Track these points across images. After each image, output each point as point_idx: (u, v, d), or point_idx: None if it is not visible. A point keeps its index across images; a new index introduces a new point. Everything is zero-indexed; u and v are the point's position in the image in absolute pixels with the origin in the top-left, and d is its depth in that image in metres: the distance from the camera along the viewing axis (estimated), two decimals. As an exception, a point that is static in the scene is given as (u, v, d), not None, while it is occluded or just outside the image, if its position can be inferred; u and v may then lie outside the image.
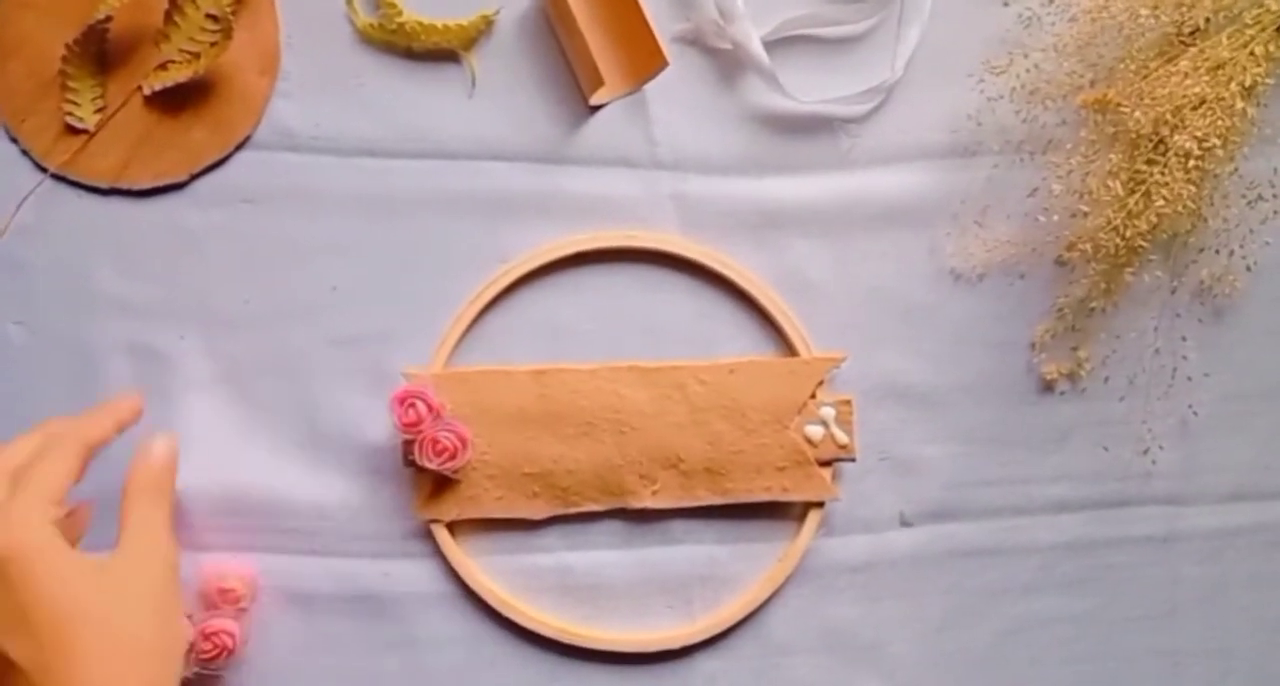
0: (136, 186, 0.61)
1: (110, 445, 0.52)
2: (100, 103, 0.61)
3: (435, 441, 0.56)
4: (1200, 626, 0.63)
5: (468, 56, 0.62)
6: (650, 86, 0.62)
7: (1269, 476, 0.64)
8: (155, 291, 0.60)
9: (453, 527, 0.60)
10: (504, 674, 0.60)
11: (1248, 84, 0.58)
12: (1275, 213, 0.62)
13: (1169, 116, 0.58)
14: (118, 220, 0.60)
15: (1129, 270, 0.62)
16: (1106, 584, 0.63)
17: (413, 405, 0.56)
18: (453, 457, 0.57)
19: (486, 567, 0.60)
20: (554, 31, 0.62)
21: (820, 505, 0.61)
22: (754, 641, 0.60)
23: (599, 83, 0.60)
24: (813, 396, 0.61)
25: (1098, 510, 0.63)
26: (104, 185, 0.60)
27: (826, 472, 0.61)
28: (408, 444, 0.58)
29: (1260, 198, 0.62)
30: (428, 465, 0.57)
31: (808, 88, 0.62)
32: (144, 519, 0.48)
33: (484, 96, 0.62)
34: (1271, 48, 0.58)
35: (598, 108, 0.62)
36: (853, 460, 0.61)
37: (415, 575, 0.59)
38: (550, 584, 0.60)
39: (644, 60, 0.61)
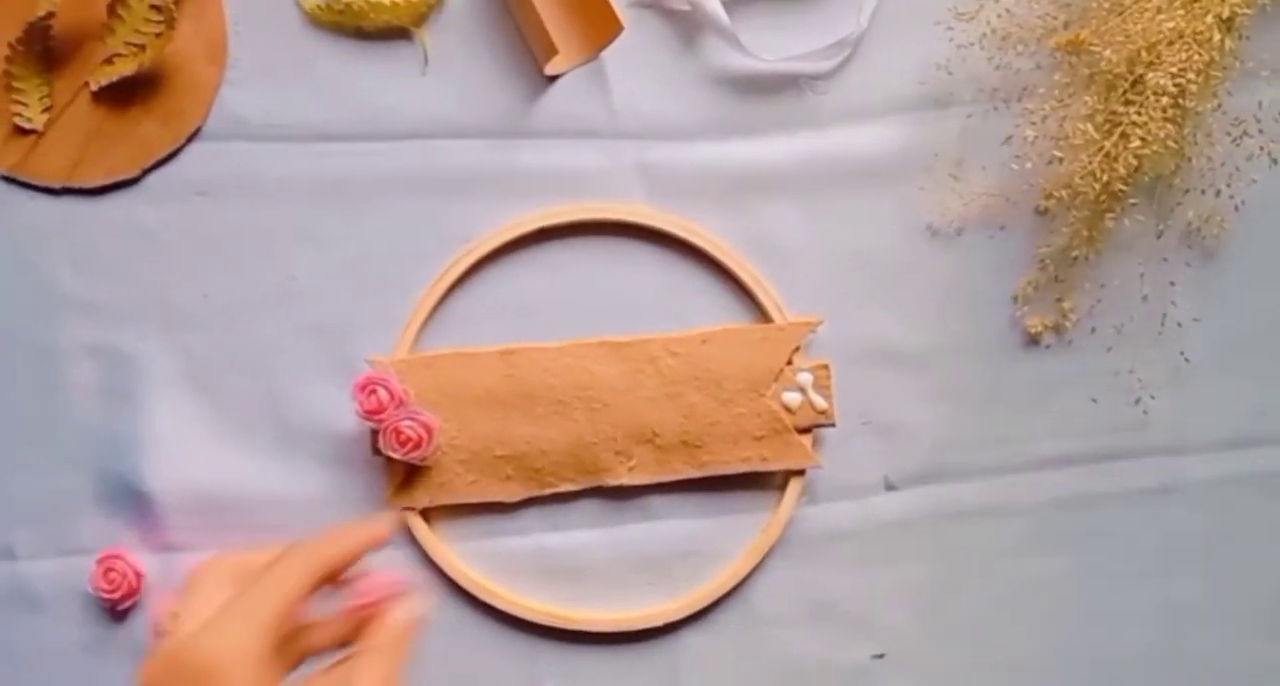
0: (89, 185, 0.60)
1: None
2: (47, 101, 0.60)
3: (399, 431, 0.55)
4: (1200, 580, 0.61)
5: (419, 33, 0.60)
6: (607, 53, 0.60)
7: (1266, 422, 0.62)
8: (114, 290, 0.59)
9: (427, 514, 0.59)
10: (487, 659, 0.59)
11: (1226, 15, 0.56)
12: (1261, 149, 0.60)
13: (1143, 53, 0.56)
14: (72, 220, 0.59)
15: (1110, 216, 0.60)
16: (1101, 540, 0.61)
17: (374, 392, 0.56)
18: (418, 447, 0.56)
19: (463, 553, 0.59)
20: (505, 2, 0.60)
21: (801, 473, 0.60)
22: (739, 615, 0.59)
23: (553, 52, 0.59)
24: (789, 362, 0.59)
25: (1089, 465, 0.61)
26: (56, 185, 0.59)
27: (806, 440, 0.59)
28: (375, 433, 0.57)
29: (1246, 134, 0.60)
30: (393, 455, 0.56)
31: (770, 45, 0.60)
32: (372, 677, 0.44)
33: (438, 73, 0.60)
34: (1249, -24, 0.56)
35: (555, 78, 0.61)
36: (832, 425, 0.59)
37: (391, 564, 0.58)
38: (529, 566, 0.59)
39: (599, 26, 0.60)
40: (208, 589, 0.44)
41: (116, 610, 0.58)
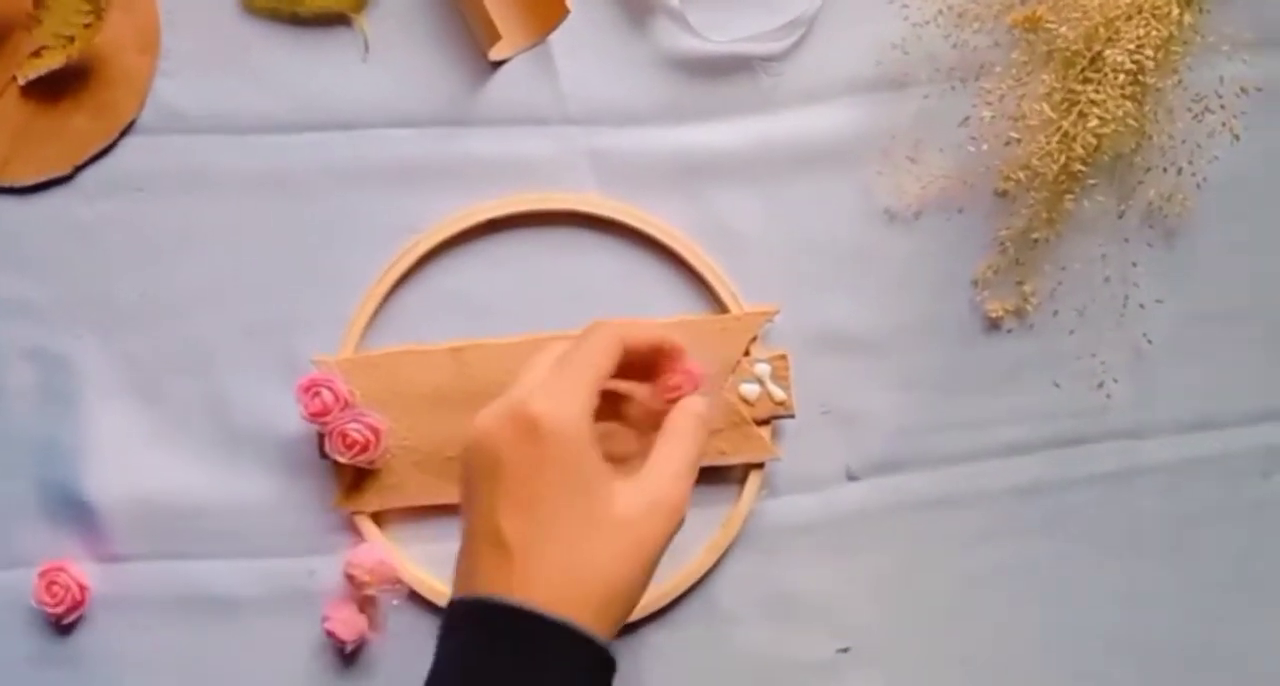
0: (20, 183, 0.58)
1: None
2: (-28, 97, 0.58)
3: (345, 434, 0.54)
4: (1166, 563, 0.61)
5: (358, 18, 0.59)
6: (554, 37, 0.59)
7: (1229, 402, 0.61)
8: (49, 291, 0.58)
9: (378, 518, 0.58)
10: (445, 663, 0.58)
11: (1184, -11, 0.55)
12: (1223, 124, 0.59)
13: (1101, 29, 0.55)
14: (3, 220, 0.58)
15: (1070, 197, 0.59)
16: (1066, 526, 0.60)
17: (318, 394, 0.54)
18: (365, 450, 0.54)
19: (417, 557, 0.58)
20: (447, -15, 0.58)
21: (760, 466, 0.58)
22: (701, 611, 0.58)
23: (498, 37, 0.57)
24: (746, 353, 0.58)
25: (1053, 450, 0.60)
26: (-15, 184, 0.58)
27: (765, 432, 0.58)
28: (322, 435, 0.55)
29: (1207, 109, 0.59)
30: (339, 458, 0.55)
31: (721, 26, 0.59)
32: (671, 454, 0.47)
33: (378, 60, 0.59)
34: (1206, -51, 0.55)
35: (500, 63, 0.59)
36: (792, 417, 0.58)
37: (341, 571, 0.57)
38: (485, 568, 0.58)
39: (544, 10, 0.58)
40: (540, 363, 0.47)
41: (61, 623, 0.57)
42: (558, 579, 0.42)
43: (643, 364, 0.50)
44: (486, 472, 0.44)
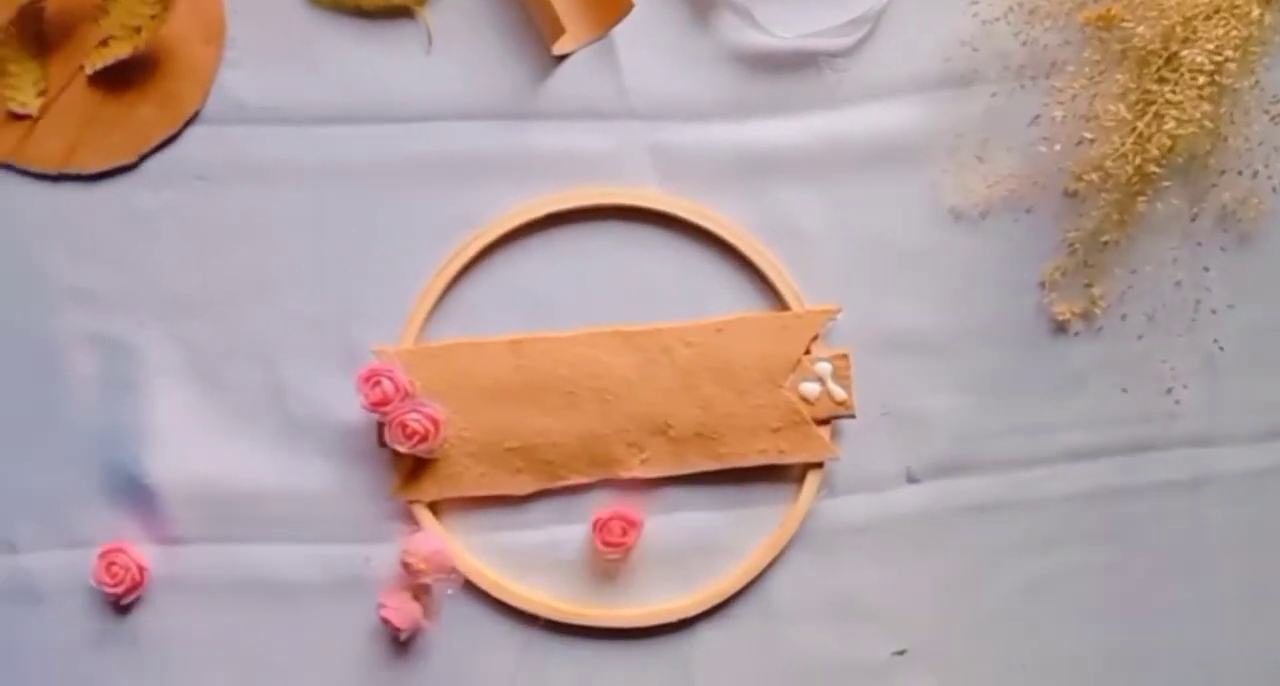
0: (86, 171, 0.58)
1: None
2: (42, 85, 0.58)
3: (404, 424, 0.54)
4: (1231, 574, 0.60)
5: (422, 11, 0.59)
6: (617, 31, 0.58)
7: (1302, 412, 0.60)
8: (112, 278, 0.58)
9: (435, 507, 0.58)
10: (498, 655, 0.58)
11: (1266, -12, 0.54)
12: (1301, 127, 0.57)
13: (1178, 29, 0.54)
14: (68, 206, 0.58)
15: (1143, 198, 0.57)
16: (1129, 534, 0.59)
17: (379, 384, 0.54)
18: (424, 440, 0.54)
19: (473, 547, 0.58)
20: (512, -22, 0.58)
21: (820, 466, 0.58)
22: (756, 610, 0.58)
23: (561, 30, 0.57)
24: (807, 352, 0.58)
25: (1118, 457, 0.59)
26: (52, 171, 0.58)
27: (825, 431, 0.58)
28: (381, 425, 0.55)
29: (1285, 111, 0.57)
30: (399, 448, 0.55)
31: (787, 22, 0.58)
32: None
33: (441, 53, 0.59)
34: (1290, -54, 0.53)
35: (563, 57, 0.59)
36: (852, 417, 0.58)
37: (398, 559, 0.57)
38: (540, 560, 0.58)
39: (608, 3, 0.58)
40: None
41: (119, 604, 0.57)
42: None
43: None
44: None
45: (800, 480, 0.58)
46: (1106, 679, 0.59)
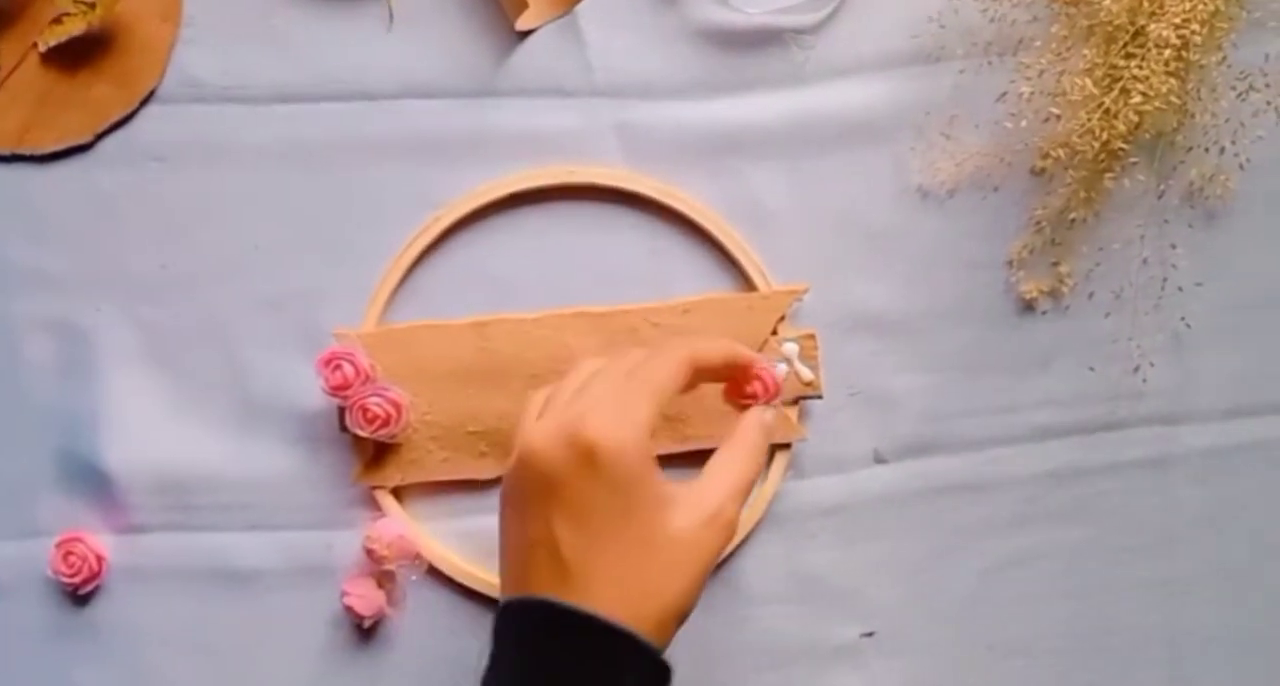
0: (40, 151, 0.57)
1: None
2: (-7, 63, 0.57)
3: (366, 408, 0.53)
4: (1199, 552, 0.59)
5: (383, -13, 0.58)
6: (582, 7, 0.58)
7: (1268, 389, 0.60)
8: (69, 261, 0.57)
9: (399, 493, 0.57)
10: (464, 641, 0.57)
11: (1232, -38, 0.53)
12: (1268, 104, 0.57)
13: (1145, 3, 0.54)
14: (23, 187, 0.57)
15: (1110, 175, 0.57)
16: (1098, 513, 0.59)
17: (339, 367, 0.53)
18: (386, 424, 0.54)
19: (436, 533, 0.57)
20: (473, -47, 0.57)
21: (787, 447, 0.57)
22: (725, 592, 0.57)
23: (524, 6, 0.56)
24: (774, 332, 0.57)
25: (1086, 435, 0.59)
26: (5, 151, 0.57)
27: (792, 412, 0.57)
28: (342, 409, 0.55)
29: (1252, 88, 0.57)
30: (360, 433, 0.54)
31: (753, -2, 0.57)
32: (729, 466, 0.46)
33: (403, 29, 0.58)
34: (1257, -80, 0.53)
35: (526, 34, 0.58)
36: (819, 397, 0.57)
37: (361, 545, 0.56)
38: (506, 545, 0.57)
39: (572, -21, 0.57)
40: (607, 373, 0.46)
41: (77, 594, 0.56)
42: (615, 593, 0.42)
43: (713, 377, 0.49)
44: (539, 488, 0.43)
45: (768, 461, 0.58)
46: (1075, 657, 0.59)
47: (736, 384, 0.51)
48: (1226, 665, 0.59)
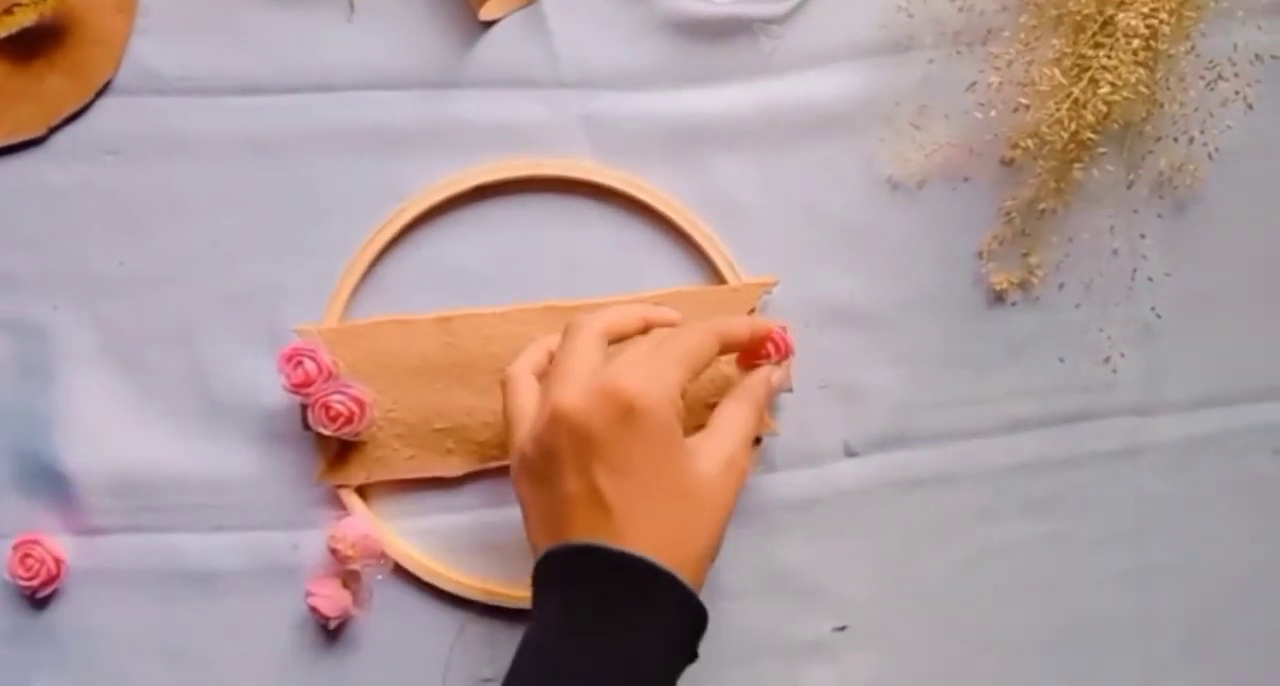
0: (-9, 145, 0.56)
1: None
2: (-58, 55, 0.55)
3: (328, 406, 0.52)
4: (1171, 542, 0.59)
5: (343, -24, 0.57)
6: (547, -4, 0.57)
7: (1239, 379, 0.60)
8: (24, 259, 0.56)
9: (363, 491, 0.56)
10: (432, 640, 0.56)
11: (1200, -49, 0.53)
12: (1236, 93, 0.57)
13: (1113, -8, 0.53)
14: (-27, 183, 0.56)
15: (1079, 166, 0.57)
16: (1069, 504, 0.59)
17: (300, 364, 0.52)
18: (349, 422, 0.53)
19: (403, 531, 0.56)
20: (435, -58, 0.56)
21: (757, 441, 0.57)
22: (696, 589, 0.57)
23: (487, -5, 0.55)
24: (743, 325, 0.56)
25: (1057, 426, 0.59)
26: (-45, 146, 0.56)
27: (763, 406, 0.56)
28: (304, 407, 0.54)
29: (1220, 77, 0.57)
30: (323, 431, 0.53)
31: (721, -13, 0.57)
32: (734, 419, 0.49)
33: (364, 19, 0.57)
34: (1224, -92, 0.53)
35: (490, 23, 0.57)
36: (789, 390, 0.57)
37: (325, 545, 0.55)
38: (473, 543, 0.56)
39: (536, -32, 0.56)
40: (587, 347, 0.47)
41: (36, 597, 0.55)
42: (655, 539, 0.44)
43: (737, 349, 0.52)
44: (577, 445, 0.44)
45: (738, 456, 0.57)
46: (1048, 649, 0.59)
47: (750, 351, 0.53)
48: (1199, 656, 0.59)
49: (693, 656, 0.45)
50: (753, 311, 0.57)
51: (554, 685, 0.43)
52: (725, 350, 0.49)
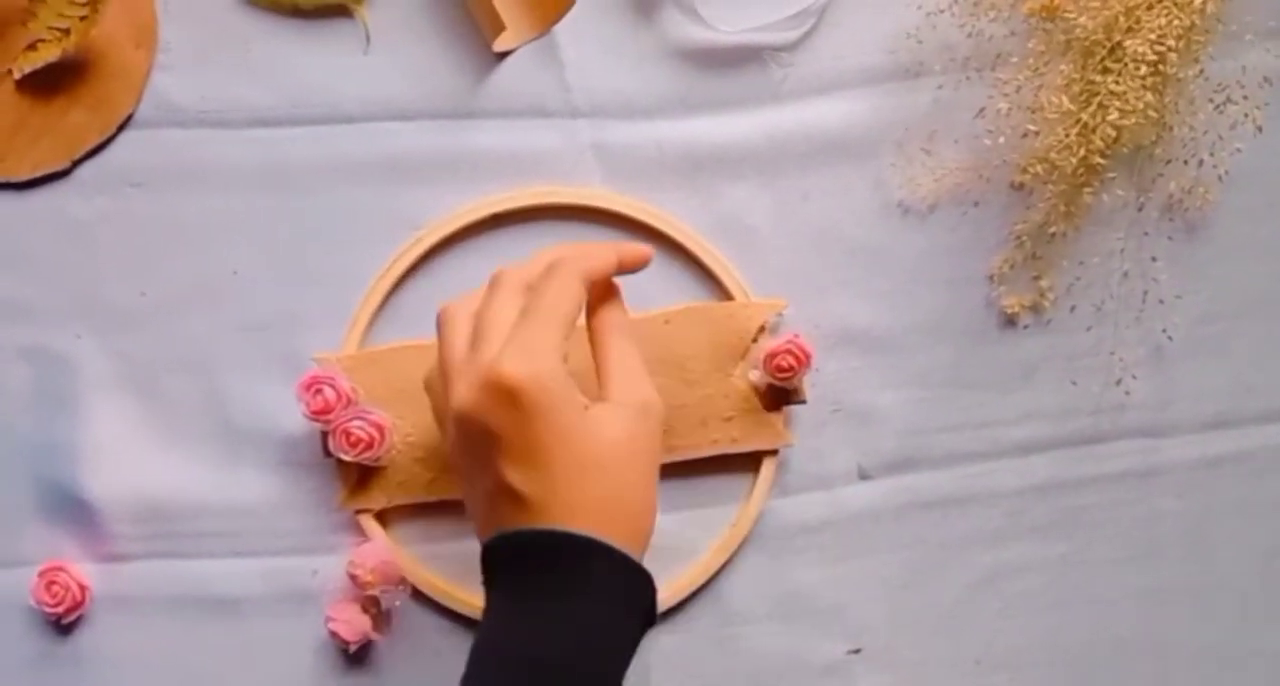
0: (15, 179, 0.57)
1: None
2: (-33, 90, 0.57)
3: (348, 432, 0.53)
4: (1183, 564, 0.60)
5: (359, 10, 0.57)
6: (560, 28, 0.58)
7: (1251, 400, 0.60)
8: (46, 289, 0.57)
9: (383, 517, 0.57)
10: (451, 665, 0.56)
11: (1207, -23, 0.53)
12: (1246, 115, 0.57)
13: (1121, 19, 0.54)
14: (-1, 216, 0.57)
15: (1089, 190, 0.57)
16: (1081, 526, 0.59)
17: (320, 391, 0.53)
18: (369, 448, 0.53)
19: (421, 556, 0.57)
20: (450, -25, 0.57)
21: (774, 454, 0.57)
22: (711, 612, 0.57)
23: (501, 27, 0.56)
24: (755, 341, 0.57)
25: (1069, 449, 0.59)
26: (-20, 180, 0.57)
27: (778, 419, 0.57)
28: (325, 433, 0.54)
29: (1229, 100, 0.57)
30: (343, 457, 0.54)
31: (731, 16, 0.57)
32: (622, 358, 0.48)
33: (380, 52, 0.58)
34: (1230, -65, 0.53)
35: (504, 55, 0.58)
36: (804, 402, 0.57)
37: (345, 570, 0.56)
38: (492, 568, 0.57)
39: (550, 0, 0.57)
40: (500, 309, 0.46)
41: (61, 623, 0.56)
42: (583, 511, 0.43)
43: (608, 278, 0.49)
44: (480, 442, 0.44)
45: (754, 473, 0.57)
46: (1061, 670, 0.59)
47: (770, 358, 0.54)
48: (1212, 677, 0.59)
49: (650, 620, 0.45)
50: (763, 329, 0.57)
51: (509, 671, 0.43)
52: (597, 290, 0.48)
